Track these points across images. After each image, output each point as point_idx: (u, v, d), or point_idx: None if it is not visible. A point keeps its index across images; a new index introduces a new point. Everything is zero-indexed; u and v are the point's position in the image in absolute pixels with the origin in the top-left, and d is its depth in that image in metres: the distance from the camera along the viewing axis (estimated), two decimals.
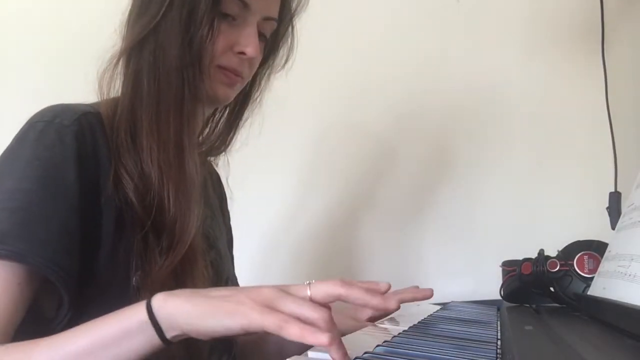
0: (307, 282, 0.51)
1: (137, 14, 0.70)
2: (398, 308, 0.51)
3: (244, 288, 0.50)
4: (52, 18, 1.44)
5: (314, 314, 0.46)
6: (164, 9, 0.67)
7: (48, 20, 1.44)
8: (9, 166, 0.61)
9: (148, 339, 0.48)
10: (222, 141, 0.86)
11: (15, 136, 0.64)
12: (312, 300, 0.49)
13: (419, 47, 1.38)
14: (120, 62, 0.70)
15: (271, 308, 0.46)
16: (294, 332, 0.44)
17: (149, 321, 0.47)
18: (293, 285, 0.50)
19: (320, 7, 0.85)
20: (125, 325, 0.48)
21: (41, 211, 0.58)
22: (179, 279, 0.65)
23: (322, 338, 0.43)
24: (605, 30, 1.07)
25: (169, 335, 0.48)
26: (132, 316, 0.48)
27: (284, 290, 0.49)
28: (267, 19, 0.74)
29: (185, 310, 0.47)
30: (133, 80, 0.68)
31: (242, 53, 0.71)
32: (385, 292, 0.53)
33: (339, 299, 0.50)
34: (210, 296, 0.48)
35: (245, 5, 0.70)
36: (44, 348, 0.49)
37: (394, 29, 1.39)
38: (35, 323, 0.60)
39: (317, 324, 0.46)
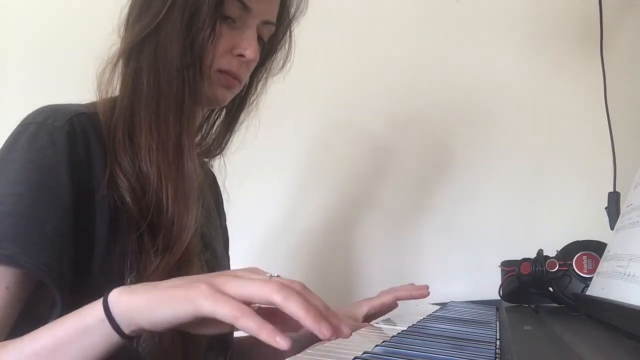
0: (271, 274, 0.48)
1: (138, 14, 0.70)
2: (349, 335, 0.45)
3: (210, 274, 0.48)
4: (51, 17, 1.44)
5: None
6: (166, 9, 0.67)
7: (47, 19, 1.44)
8: (1, 169, 0.61)
9: (107, 335, 0.48)
10: (217, 143, 0.86)
11: (8, 138, 0.63)
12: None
13: (418, 47, 1.38)
14: (120, 62, 0.70)
15: (225, 294, 0.44)
16: (249, 326, 0.42)
17: (105, 318, 0.47)
18: (252, 272, 0.48)
19: (317, 8, 0.85)
20: (84, 322, 0.48)
21: (34, 214, 0.58)
22: None
23: (282, 343, 0.41)
24: (604, 31, 1.07)
25: (127, 330, 0.48)
26: (91, 313, 0.48)
27: (244, 277, 0.46)
28: (267, 22, 0.74)
29: (138, 304, 0.47)
30: (133, 79, 0.68)
31: (242, 56, 0.71)
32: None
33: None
34: (165, 286, 0.47)
35: (246, 9, 0.70)
36: (11, 349, 0.49)
37: (394, 29, 1.39)
38: (28, 322, 0.60)
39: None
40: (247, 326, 0.43)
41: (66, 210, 0.60)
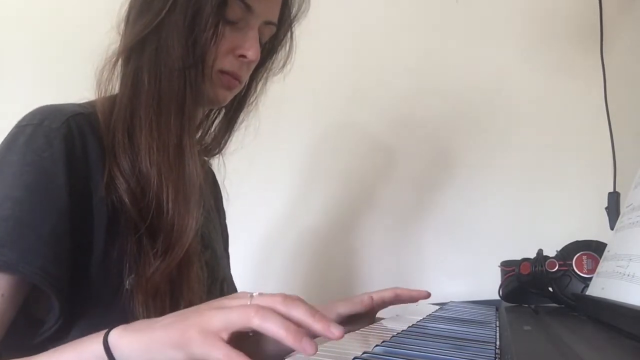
0: (250, 293, 0.48)
1: (139, 12, 0.69)
2: (341, 337, 0.44)
3: (197, 311, 0.48)
4: (50, 16, 1.44)
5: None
6: (167, 7, 0.66)
7: (46, 18, 1.44)
8: None
9: None
10: (216, 142, 0.85)
11: (4, 140, 0.63)
12: None
13: (417, 47, 1.38)
14: (120, 61, 0.69)
15: (214, 334, 0.44)
16: None
17: (106, 357, 0.47)
18: (235, 299, 0.48)
19: (317, 7, 0.84)
20: (82, 358, 0.48)
21: (31, 219, 0.58)
22: (174, 281, 0.65)
23: None
24: (604, 31, 1.07)
25: None
26: (90, 350, 0.48)
27: (226, 307, 0.46)
28: (268, 23, 0.74)
29: (137, 346, 0.47)
30: (133, 79, 0.67)
31: (243, 56, 0.71)
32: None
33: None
34: (160, 326, 0.47)
35: (248, 9, 0.70)
36: None
37: (393, 29, 1.39)
38: (26, 326, 0.59)
39: None
40: None
41: (63, 213, 0.60)
